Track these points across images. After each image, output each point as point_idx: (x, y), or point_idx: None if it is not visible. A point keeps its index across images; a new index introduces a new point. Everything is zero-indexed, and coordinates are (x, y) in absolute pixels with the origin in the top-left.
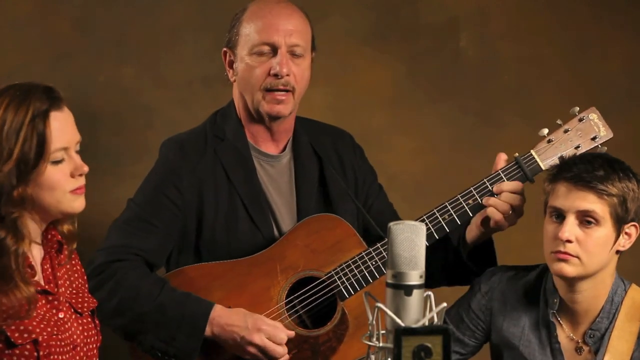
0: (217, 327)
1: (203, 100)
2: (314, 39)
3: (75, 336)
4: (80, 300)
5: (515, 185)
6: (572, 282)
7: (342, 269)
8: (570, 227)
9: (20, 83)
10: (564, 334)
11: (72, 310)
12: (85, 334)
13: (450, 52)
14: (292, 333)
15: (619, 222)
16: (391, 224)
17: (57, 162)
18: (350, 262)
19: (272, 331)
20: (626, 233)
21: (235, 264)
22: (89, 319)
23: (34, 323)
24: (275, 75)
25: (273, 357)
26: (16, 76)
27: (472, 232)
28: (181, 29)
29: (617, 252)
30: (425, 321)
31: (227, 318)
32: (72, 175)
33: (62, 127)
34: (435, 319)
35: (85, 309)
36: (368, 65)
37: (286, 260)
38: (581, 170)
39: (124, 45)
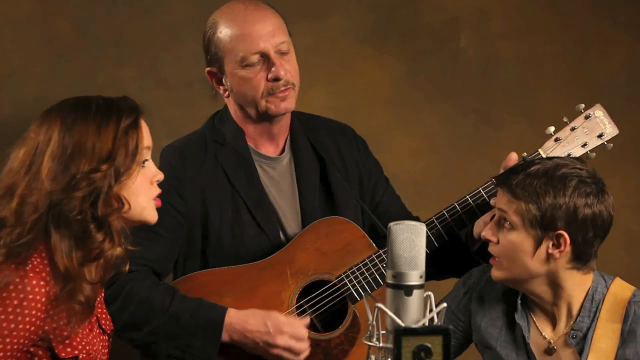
0: (236, 334)
1: (203, 101)
2: (287, 25)
3: (99, 354)
4: (105, 316)
5: None
6: (515, 285)
7: (353, 272)
8: (491, 226)
9: (89, 96)
10: (537, 334)
11: (98, 325)
12: (104, 351)
13: (450, 52)
14: (307, 321)
15: (538, 229)
16: (391, 224)
17: (142, 163)
18: (360, 264)
19: (293, 330)
20: (557, 241)
21: (245, 268)
22: (108, 337)
23: (77, 340)
24: (275, 79)
25: (298, 353)
26: (16, 76)
27: (478, 227)
28: (181, 29)
29: (549, 258)
30: (425, 321)
31: (244, 323)
32: (151, 182)
33: (147, 129)
34: (435, 319)
35: (108, 328)
36: (368, 65)
37: (296, 264)
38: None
39: (124, 45)
